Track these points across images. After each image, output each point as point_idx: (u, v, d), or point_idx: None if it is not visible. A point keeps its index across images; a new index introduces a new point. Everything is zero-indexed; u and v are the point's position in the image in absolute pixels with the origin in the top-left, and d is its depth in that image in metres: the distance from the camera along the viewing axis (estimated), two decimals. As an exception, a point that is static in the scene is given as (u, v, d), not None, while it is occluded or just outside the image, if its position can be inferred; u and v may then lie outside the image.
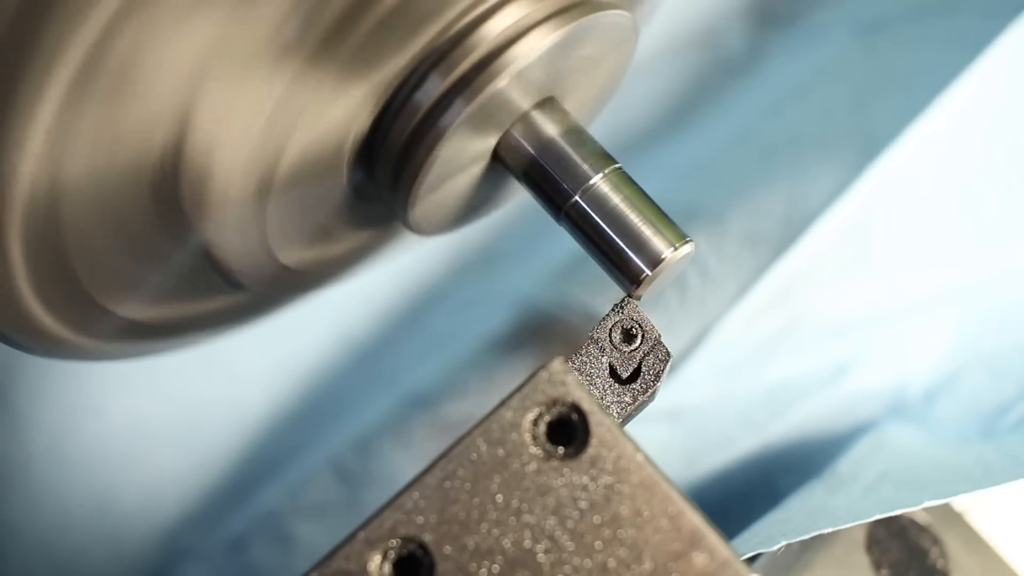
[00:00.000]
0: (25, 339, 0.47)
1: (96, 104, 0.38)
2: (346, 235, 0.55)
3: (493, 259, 0.81)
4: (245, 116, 0.42)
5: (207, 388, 0.77)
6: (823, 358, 0.72)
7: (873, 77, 0.79)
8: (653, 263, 0.48)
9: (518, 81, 0.47)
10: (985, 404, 0.70)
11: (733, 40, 0.84)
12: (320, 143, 0.46)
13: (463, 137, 0.48)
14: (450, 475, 0.40)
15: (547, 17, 0.47)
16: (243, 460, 0.77)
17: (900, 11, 0.80)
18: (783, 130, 0.78)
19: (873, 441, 0.68)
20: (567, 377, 0.41)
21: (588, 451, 0.40)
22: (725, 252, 0.74)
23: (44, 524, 0.76)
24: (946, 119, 0.72)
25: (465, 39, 0.46)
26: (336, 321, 0.79)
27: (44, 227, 0.42)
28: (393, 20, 0.43)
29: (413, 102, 0.47)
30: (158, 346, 0.55)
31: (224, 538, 0.76)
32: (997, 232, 0.71)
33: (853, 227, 0.73)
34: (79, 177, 0.41)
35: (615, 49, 0.52)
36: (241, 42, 0.40)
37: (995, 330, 0.71)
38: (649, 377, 0.48)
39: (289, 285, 0.56)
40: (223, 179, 0.44)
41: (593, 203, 0.49)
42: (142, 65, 0.38)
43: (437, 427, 0.75)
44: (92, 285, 0.46)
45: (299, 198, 0.48)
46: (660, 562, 0.39)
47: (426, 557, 0.39)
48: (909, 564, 0.63)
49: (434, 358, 0.78)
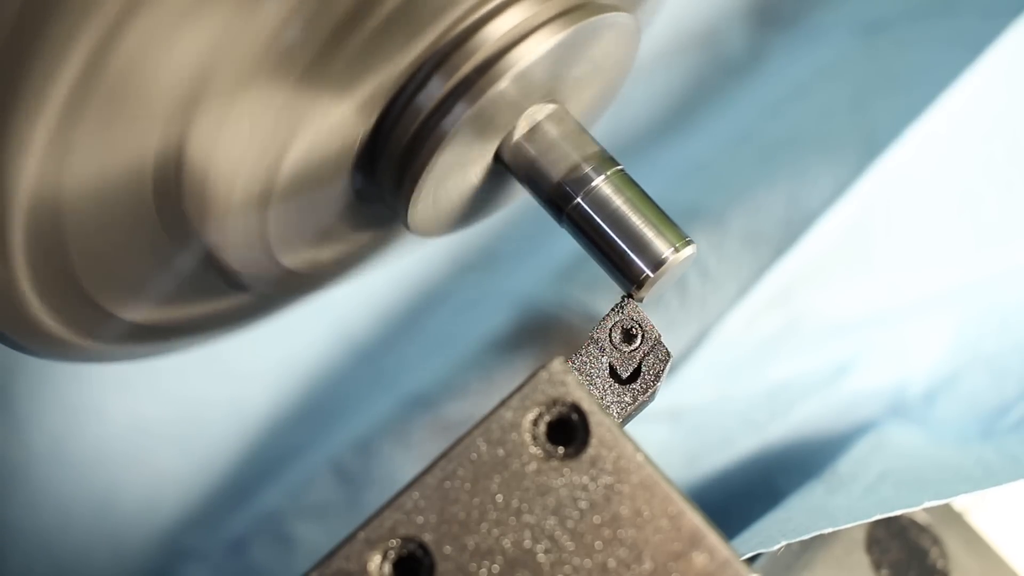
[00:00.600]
0: (27, 341, 0.47)
1: (98, 109, 0.38)
2: (348, 237, 0.55)
3: (494, 260, 0.81)
4: (247, 121, 0.42)
5: (208, 389, 0.77)
6: (823, 358, 0.72)
7: (873, 77, 0.78)
8: (655, 265, 0.48)
9: (520, 83, 0.47)
10: (985, 404, 0.70)
11: (734, 40, 0.84)
12: (322, 147, 0.46)
13: (465, 139, 0.48)
14: (450, 475, 0.40)
15: (549, 20, 0.47)
16: (244, 461, 0.77)
17: (900, 11, 0.80)
18: (783, 130, 0.78)
19: (873, 441, 0.68)
20: (567, 377, 0.41)
21: (588, 451, 0.40)
22: (725, 252, 0.74)
23: (45, 524, 0.76)
24: (946, 119, 0.72)
25: (467, 42, 0.46)
26: (337, 321, 0.79)
27: (47, 230, 0.42)
28: (394, 24, 0.43)
29: (415, 105, 0.47)
30: (160, 348, 0.55)
31: (225, 538, 0.76)
32: (997, 232, 0.71)
33: (853, 227, 0.73)
34: (81, 181, 0.41)
35: (617, 51, 0.52)
36: (242, 48, 0.40)
37: (995, 330, 0.71)
38: (649, 377, 0.48)
39: (291, 287, 0.56)
40: (225, 183, 0.44)
41: (595, 205, 0.49)
42: (143, 71, 0.38)
43: (437, 427, 0.75)
44: (94, 288, 0.46)
45: (301, 201, 0.48)
46: (660, 562, 0.39)
47: (426, 557, 0.39)
48: (909, 564, 0.63)
49: (435, 358, 0.78)
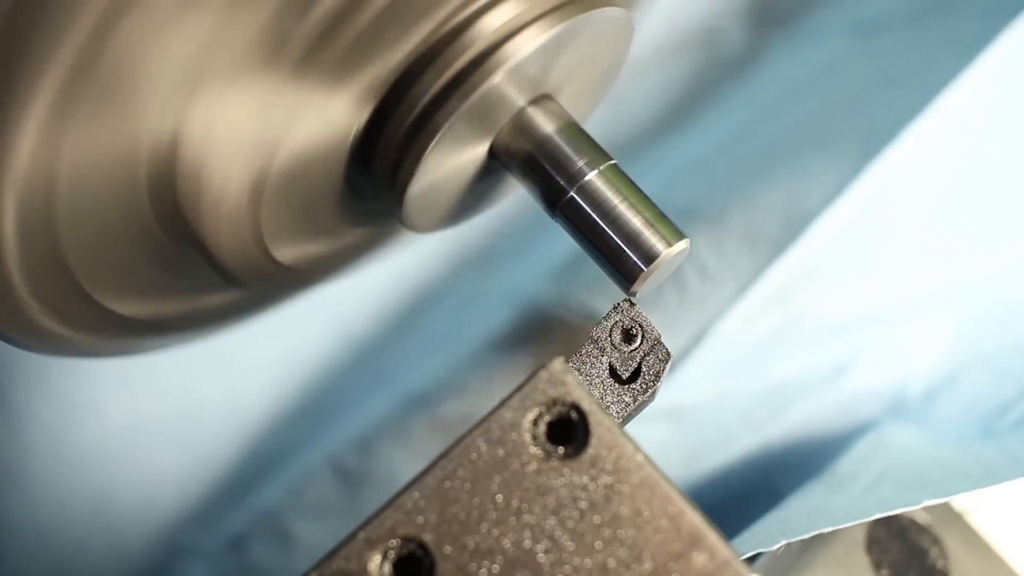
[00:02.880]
0: (22, 336, 0.47)
1: (91, 100, 0.38)
2: (343, 232, 0.55)
3: (492, 258, 0.80)
4: (239, 115, 0.42)
5: (206, 386, 0.77)
6: (823, 358, 0.72)
7: (872, 76, 0.78)
8: (648, 259, 0.48)
9: (513, 78, 0.47)
10: (985, 404, 0.70)
11: (732, 39, 0.84)
12: (316, 141, 0.46)
13: (459, 134, 0.48)
14: (450, 475, 0.40)
15: (543, 14, 0.47)
16: (242, 458, 0.77)
17: (899, 11, 0.80)
18: (782, 129, 0.78)
19: (873, 441, 0.68)
20: (567, 377, 0.41)
21: (588, 451, 0.40)
22: (725, 251, 0.74)
23: (43, 522, 0.75)
24: (945, 118, 0.72)
25: (460, 36, 0.46)
26: (335, 319, 0.79)
27: (39, 224, 0.42)
28: (387, 18, 0.43)
29: (408, 99, 0.47)
30: (155, 343, 0.55)
31: (223, 536, 0.76)
32: (997, 232, 0.71)
33: (852, 226, 0.72)
34: (74, 173, 0.41)
35: (611, 46, 0.52)
36: (236, 40, 0.40)
37: (995, 330, 0.71)
38: (649, 377, 0.48)
39: (286, 282, 0.56)
40: (218, 178, 0.44)
41: (588, 198, 0.49)
42: (137, 62, 0.38)
43: (437, 426, 0.75)
44: (87, 280, 0.46)
45: (295, 195, 0.48)
46: (660, 562, 0.39)
47: (426, 557, 0.39)
48: (909, 564, 0.63)
49: (433, 357, 0.77)
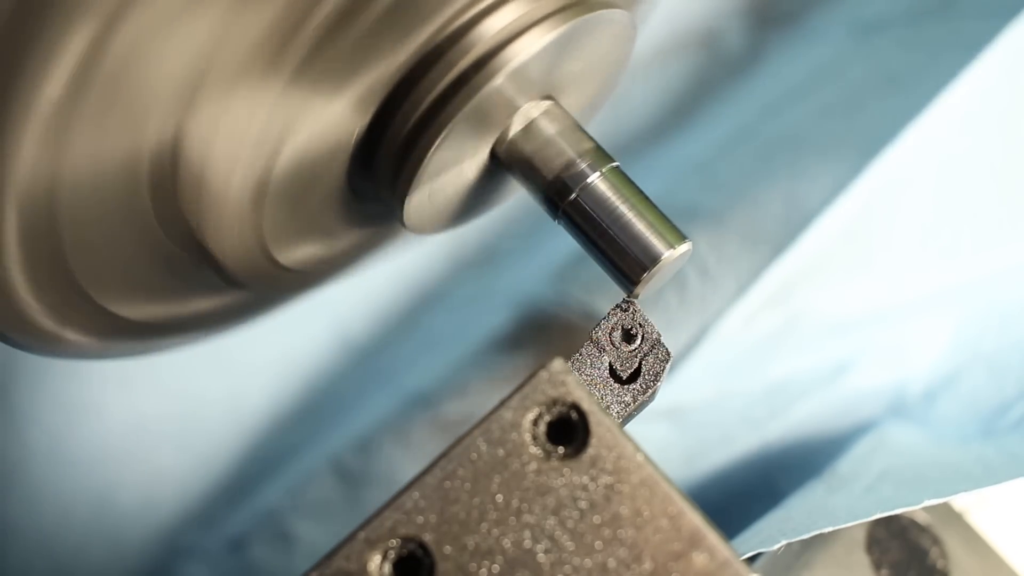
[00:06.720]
0: (23, 338, 0.47)
1: (93, 103, 0.38)
2: (344, 234, 0.55)
3: (493, 258, 0.80)
4: (241, 117, 0.42)
5: (207, 386, 0.77)
6: (823, 357, 0.72)
7: (872, 77, 0.78)
8: (651, 261, 0.48)
9: (515, 79, 0.47)
10: (985, 403, 0.70)
11: (732, 40, 0.84)
12: (317, 143, 0.46)
13: (461, 136, 0.48)
14: (450, 475, 0.40)
15: (545, 16, 0.47)
16: (243, 458, 0.77)
17: (899, 11, 0.80)
18: (782, 129, 0.78)
19: (873, 440, 0.68)
20: (567, 377, 0.41)
21: (588, 451, 0.40)
22: (725, 251, 0.74)
23: (44, 523, 0.75)
24: (945, 119, 0.72)
25: (462, 38, 0.46)
26: (336, 320, 0.79)
27: (41, 226, 0.42)
28: (390, 19, 0.43)
29: (410, 102, 0.47)
30: (157, 344, 0.55)
31: (224, 536, 0.76)
32: (997, 232, 0.71)
33: (852, 226, 0.72)
34: (76, 175, 0.41)
35: (613, 48, 0.52)
36: (237, 43, 0.40)
37: (995, 329, 0.71)
38: (649, 377, 0.48)
39: (288, 284, 0.56)
40: (221, 178, 0.44)
41: (590, 201, 0.49)
42: (139, 65, 0.38)
43: (437, 426, 0.75)
44: (89, 283, 0.46)
45: (297, 198, 0.48)
46: (660, 562, 0.39)
47: (426, 557, 0.39)
48: (909, 564, 0.63)
49: (434, 357, 0.77)
